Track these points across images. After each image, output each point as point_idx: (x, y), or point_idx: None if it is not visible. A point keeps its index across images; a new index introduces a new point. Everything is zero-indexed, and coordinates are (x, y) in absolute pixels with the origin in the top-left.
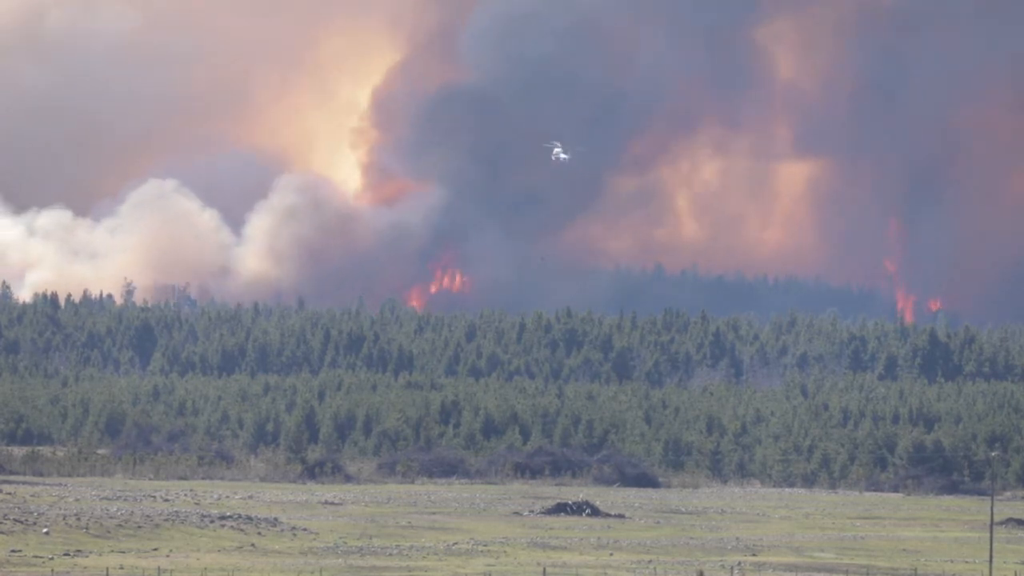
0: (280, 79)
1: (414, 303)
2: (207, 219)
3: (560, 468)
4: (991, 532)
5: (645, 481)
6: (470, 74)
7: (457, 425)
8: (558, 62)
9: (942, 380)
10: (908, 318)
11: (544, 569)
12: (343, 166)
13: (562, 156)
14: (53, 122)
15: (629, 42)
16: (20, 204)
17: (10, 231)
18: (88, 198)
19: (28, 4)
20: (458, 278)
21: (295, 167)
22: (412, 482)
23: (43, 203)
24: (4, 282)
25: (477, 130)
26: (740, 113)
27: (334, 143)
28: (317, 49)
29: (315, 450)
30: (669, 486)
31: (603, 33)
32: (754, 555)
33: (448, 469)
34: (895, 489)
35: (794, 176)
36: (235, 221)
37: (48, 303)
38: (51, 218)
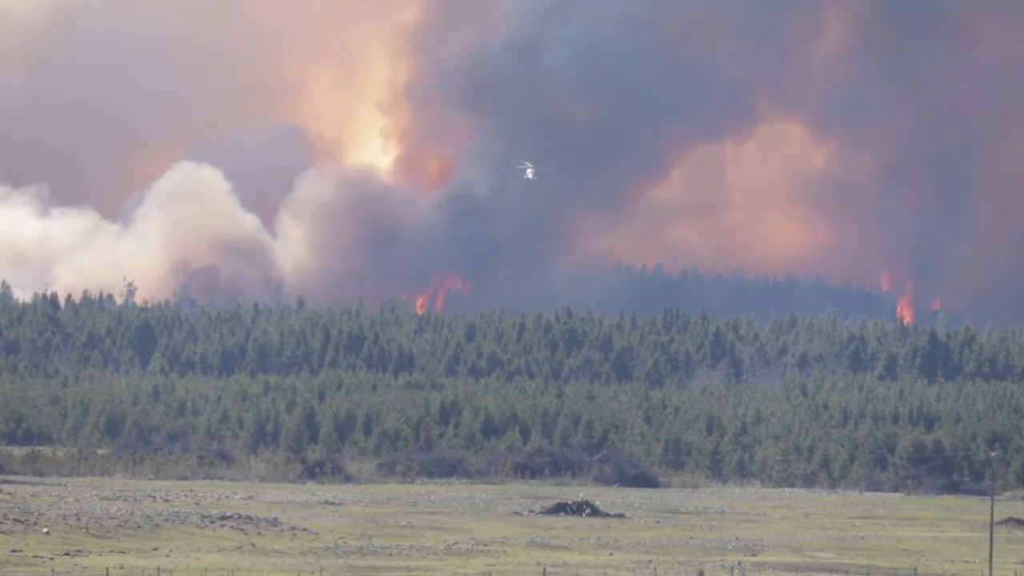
0: (310, 68)
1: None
2: (235, 211)
3: (560, 468)
4: (991, 532)
5: (645, 481)
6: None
7: (457, 425)
8: (582, 57)
9: (942, 380)
10: (908, 318)
11: (544, 569)
12: (375, 157)
13: (531, 176)
14: (81, 121)
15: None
16: (49, 202)
17: (39, 229)
18: (115, 197)
19: (64, 3)
20: (459, 280)
21: (325, 158)
22: (412, 482)
23: (72, 202)
24: (4, 281)
25: (504, 125)
26: (741, 115)
27: (367, 135)
28: (346, 37)
29: (315, 450)
30: (669, 486)
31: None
32: (754, 555)
33: (448, 469)
34: (895, 489)
35: (795, 176)
36: (265, 213)
37: (48, 303)
38: (78, 216)
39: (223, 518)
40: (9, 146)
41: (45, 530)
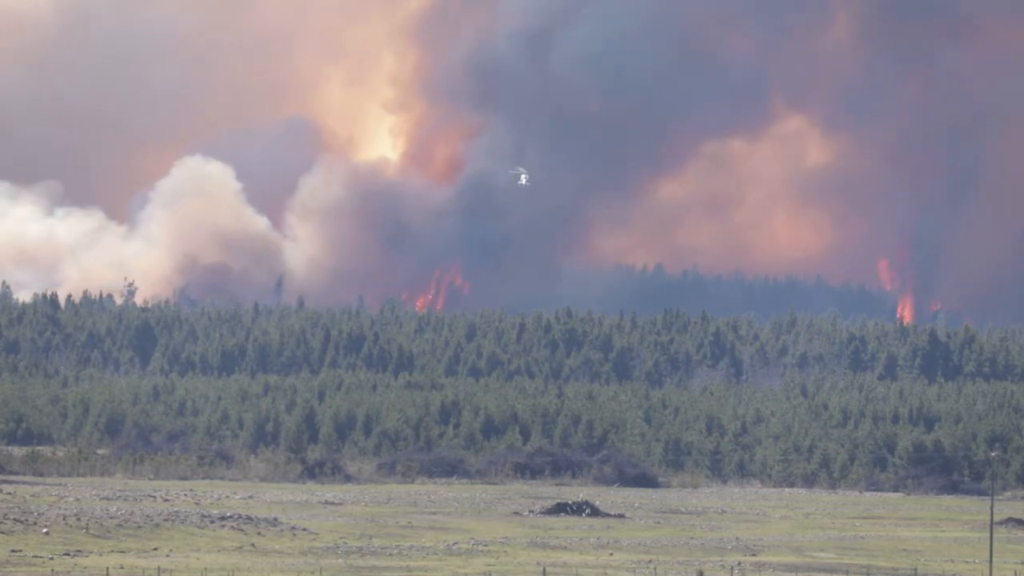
0: (318, 66)
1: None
2: (242, 208)
3: (560, 468)
4: (991, 532)
5: (645, 481)
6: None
7: (457, 425)
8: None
9: (942, 380)
10: (908, 318)
11: (544, 569)
12: (384, 154)
13: (524, 182)
14: (87, 120)
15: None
16: (59, 201)
17: (44, 229)
18: (121, 196)
19: (71, 2)
20: (459, 279)
21: (334, 155)
22: (412, 482)
23: (78, 201)
24: (4, 282)
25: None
26: (749, 113)
27: (375, 132)
28: (355, 34)
29: (315, 450)
30: (669, 486)
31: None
32: (754, 555)
33: (448, 469)
34: (895, 489)
35: (797, 175)
36: (272, 210)
37: (48, 303)
38: (84, 216)
39: (223, 518)
40: (14, 146)
41: (45, 530)
